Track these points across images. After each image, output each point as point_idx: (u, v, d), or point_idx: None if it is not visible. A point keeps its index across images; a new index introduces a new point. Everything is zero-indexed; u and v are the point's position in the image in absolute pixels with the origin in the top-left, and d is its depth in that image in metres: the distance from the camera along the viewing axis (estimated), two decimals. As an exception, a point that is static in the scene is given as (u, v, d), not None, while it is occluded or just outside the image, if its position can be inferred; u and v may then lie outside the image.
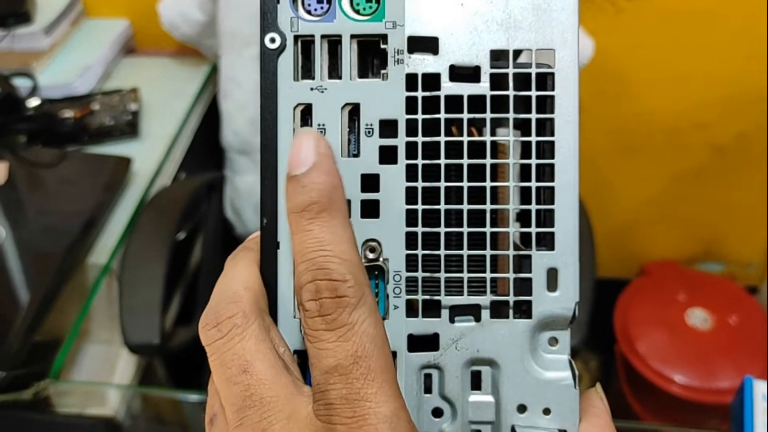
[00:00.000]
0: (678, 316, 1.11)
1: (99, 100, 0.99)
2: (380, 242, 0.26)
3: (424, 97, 0.26)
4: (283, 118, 0.26)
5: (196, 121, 1.05)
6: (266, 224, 0.26)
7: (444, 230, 0.26)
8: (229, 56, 0.99)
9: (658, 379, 1.06)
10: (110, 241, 0.82)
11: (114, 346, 0.84)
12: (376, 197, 0.26)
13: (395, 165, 0.26)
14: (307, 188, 0.24)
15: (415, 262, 0.26)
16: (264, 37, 0.26)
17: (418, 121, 0.26)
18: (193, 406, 0.76)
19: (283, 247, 0.26)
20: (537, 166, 0.26)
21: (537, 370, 0.26)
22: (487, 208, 0.26)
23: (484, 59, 0.26)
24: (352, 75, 0.26)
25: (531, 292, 0.26)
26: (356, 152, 0.26)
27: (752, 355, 1.06)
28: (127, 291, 0.76)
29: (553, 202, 0.26)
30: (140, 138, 0.97)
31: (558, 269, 0.26)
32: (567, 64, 0.26)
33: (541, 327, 0.26)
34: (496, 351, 0.26)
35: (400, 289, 0.26)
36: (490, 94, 0.26)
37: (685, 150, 1.11)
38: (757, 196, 1.15)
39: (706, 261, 1.23)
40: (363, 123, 0.26)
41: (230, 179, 1.07)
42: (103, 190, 0.85)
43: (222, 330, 0.24)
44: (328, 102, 0.26)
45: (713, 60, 1.01)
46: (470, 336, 0.26)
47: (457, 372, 0.26)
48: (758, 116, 1.05)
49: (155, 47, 1.14)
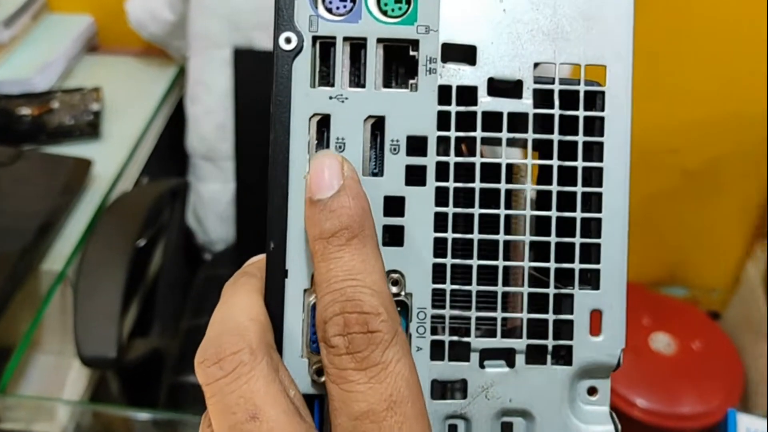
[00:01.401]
0: (642, 340, 1.12)
1: (59, 98, 0.94)
2: (404, 274, 0.23)
3: (458, 112, 0.23)
4: (296, 129, 0.23)
5: (160, 125, 1.01)
6: (273, 249, 0.23)
7: (477, 263, 0.23)
8: (198, 58, 0.96)
9: (621, 403, 1.06)
10: (66, 247, 0.78)
11: (65, 357, 0.80)
12: (400, 223, 0.23)
13: (423, 187, 0.23)
14: (335, 213, 0.22)
15: (443, 297, 0.23)
16: (278, 37, 0.23)
17: (451, 140, 0.23)
18: (146, 425, 0.73)
19: (292, 276, 0.23)
20: (583, 194, 0.23)
21: (576, 423, 0.24)
22: (526, 240, 0.23)
23: (527, 73, 0.23)
24: (377, 84, 0.23)
25: (572, 336, 0.23)
26: (379, 171, 0.23)
27: (714, 381, 1.07)
28: (83, 300, 0.72)
29: (599, 236, 0.23)
30: (101, 139, 0.92)
31: (603, 311, 0.23)
32: (619, 83, 0.23)
33: (581, 375, 0.24)
34: (530, 401, 0.23)
35: (424, 328, 0.23)
36: (533, 113, 0.23)
37: (657, 173, 1.11)
38: (724, 222, 1.16)
39: (670, 285, 1.24)
40: (388, 139, 0.23)
41: (194, 186, 1.04)
42: (61, 193, 0.81)
43: (225, 368, 0.21)
44: (349, 113, 0.23)
45: (687, 85, 1.02)
46: (502, 384, 0.23)
47: (486, 424, 0.24)
48: (730, 142, 1.07)
49: (120, 46, 1.10)
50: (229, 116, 0.96)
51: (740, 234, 1.17)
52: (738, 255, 1.19)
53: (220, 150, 0.99)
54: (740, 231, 1.17)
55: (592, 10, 0.23)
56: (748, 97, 1.02)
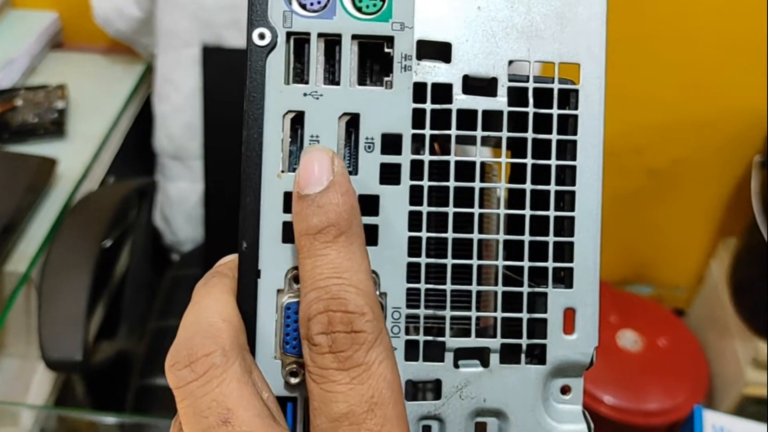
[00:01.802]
0: (609, 337, 1.13)
1: (22, 96, 0.92)
2: (378, 274, 0.23)
3: (433, 110, 0.23)
4: (269, 126, 0.23)
5: (127, 123, 0.99)
6: (246, 249, 0.23)
7: (451, 262, 0.23)
8: (165, 56, 0.95)
9: (589, 400, 1.07)
10: (30, 248, 0.76)
11: (29, 361, 0.78)
12: (374, 221, 0.23)
13: (398, 186, 0.23)
14: (323, 209, 0.21)
15: (417, 297, 0.23)
16: (252, 32, 0.23)
17: (426, 138, 0.23)
18: (112, 429, 0.72)
19: (265, 277, 0.23)
20: (556, 193, 0.23)
21: (549, 422, 0.23)
22: (500, 239, 0.23)
23: (501, 70, 0.23)
24: (351, 81, 0.23)
25: (546, 334, 0.23)
26: (353, 170, 0.23)
27: (680, 377, 1.09)
28: (48, 302, 0.71)
29: (573, 234, 0.23)
30: (66, 138, 0.91)
31: (576, 309, 0.23)
32: (593, 81, 0.23)
33: (555, 374, 0.24)
34: (505, 401, 0.23)
35: (399, 328, 0.23)
36: (507, 110, 0.23)
37: (621, 173, 1.13)
38: (688, 221, 1.18)
39: (636, 283, 1.26)
40: (363, 136, 0.23)
41: (162, 185, 1.02)
42: (24, 193, 0.79)
43: (197, 370, 0.20)
44: (323, 110, 0.23)
45: (652, 86, 1.04)
46: (477, 383, 0.23)
47: (460, 424, 0.23)
48: (693, 143, 1.09)
49: (85, 43, 1.08)
50: (197, 115, 0.95)
51: (703, 233, 1.20)
52: (701, 253, 1.22)
53: (188, 149, 0.98)
54: (703, 230, 1.19)
55: (566, 8, 0.23)
56: (709, 99, 1.04)
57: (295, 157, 0.23)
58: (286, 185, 0.23)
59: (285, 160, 0.23)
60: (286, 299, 0.23)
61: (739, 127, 1.06)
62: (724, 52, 0.99)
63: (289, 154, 0.23)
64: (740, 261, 1.11)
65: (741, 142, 1.06)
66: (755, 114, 1.02)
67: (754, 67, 0.99)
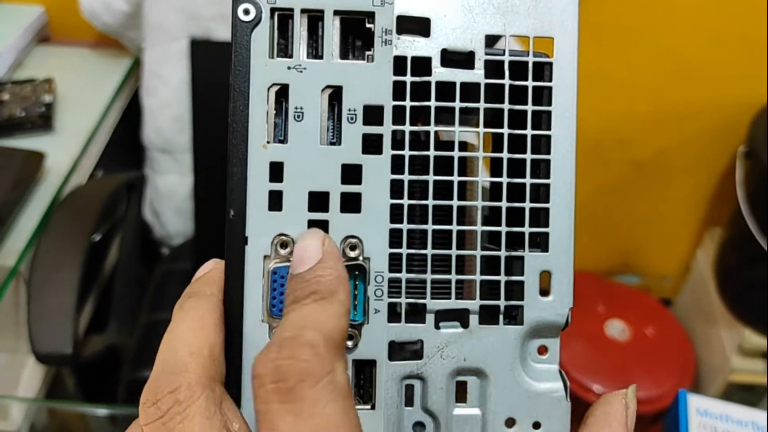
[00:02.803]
0: (597, 327, 1.14)
1: (9, 90, 0.92)
2: (361, 239, 0.24)
3: (413, 82, 0.24)
4: (255, 98, 0.24)
5: (115, 117, 0.99)
6: (233, 216, 0.24)
7: (432, 227, 0.24)
8: (153, 50, 0.95)
9: (578, 389, 1.08)
10: (19, 242, 0.76)
11: (19, 355, 0.78)
12: (357, 190, 0.24)
13: (380, 155, 0.24)
14: (309, 282, 0.22)
15: (399, 261, 0.24)
16: (237, 8, 0.24)
17: (406, 109, 0.24)
18: (102, 421, 0.72)
19: (252, 243, 0.24)
20: (532, 161, 0.24)
21: (527, 380, 0.25)
22: (479, 205, 0.24)
23: (478, 44, 0.24)
24: (334, 55, 0.24)
25: (523, 296, 0.24)
26: (336, 140, 0.24)
27: (668, 365, 1.10)
28: (37, 296, 0.70)
29: (548, 201, 0.24)
30: (54, 132, 0.90)
31: (552, 272, 0.24)
32: (566, 55, 0.24)
33: (532, 334, 0.25)
34: (484, 360, 0.24)
35: (381, 291, 0.24)
36: (484, 82, 0.24)
37: (607, 164, 1.14)
38: (674, 211, 1.19)
39: (623, 273, 1.27)
40: (345, 108, 0.24)
41: (151, 179, 1.02)
42: (12, 187, 0.79)
43: (162, 408, 0.20)
44: (307, 83, 0.24)
45: (637, 78, 1.04)
46: (457, 343, 0.24)
47: (441, 383, 0.24)
48: (678, 133, 1.10)
49: (72, 36, 1.07)
50: (186, 108, 0.95)
51: (690, 223, 1.21)
52: (688, 243, 1.23)
53: (177, 142, 0.98)
54: (690, 220, 1.21)
55: None
56: (695, 88, 1.05)
57: (280, 129, 0.24)
58: (272, 155, 0.24)
59: (270, 131, 0.24)
60: (273, 264, 0.24)
61: (724, 118, 1.07)
62: (709, 44, 1.00)
63: (274, 126, 0.24)
64: (725, 250, 1.13)
65: (726, 133, 1.07)
66: (740, 105, 1.03)
67: (738, 58, 1.00)
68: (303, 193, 0.24)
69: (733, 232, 1.10)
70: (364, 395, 0.25)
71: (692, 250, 1.23)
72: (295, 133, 0.24)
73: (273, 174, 0.24)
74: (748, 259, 1.05)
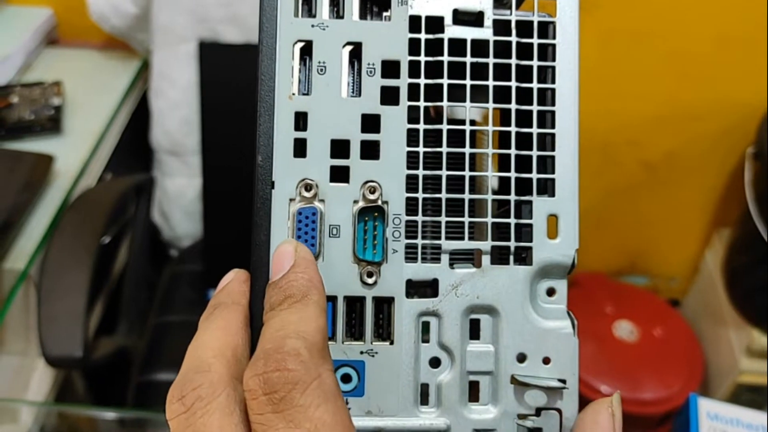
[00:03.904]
0: (605, 327, 1.14)
1: (18, 93, 0.92)
2: (380, 184, 0.26)
3: (427, 39, 0.26)
4: (282, 54, 0.26)
5: (124, 119, 0.99)
6: (261, 162, 0.25)
7: (446, 173, 0.26)
8: (162, 52, 0.95)
9: (585, 389, 1.08)
10: (29, 245, 0.76)
11: (29, 358, 0.78)
12: (376, 138, 0.26)
13: (397, 106, 0.26)
14: (282, 288, 0.23)
15: (416, 205, 0.26)
16: None
17: (421, 63, 0.26)
18: (112, 424, 0.72)
19: (278, 187, 0.25)
20: (538, 112, 0.26)
21: (537, 318, 0.26)
22: (489, 152, 0.26)
23: (487, 4, 0.26)
24: (354, 14, 0.26)
25: (532, 238, 0.26)
26: (357, 93, 0.26)
27: (676, 366, 1.10)
28: (47, 299, 0.71)
29: (554, 149, 0.26)
30: (63, 135, 0.91)
31: (558, 216, 0.26)
32: (568, 14, 0.27)
33: (541, 274, 0.26)
34: (496, 298, 0.26)
35: (399, 232, 0.26)
36: (493, 39, 0.26)
37: (617, 165, 1.13)
38: (682, 212, 1.19)
39: (632, 274, 1.27)
40: (365, 63, 0.26)
41: (159, 181, 1.02)
42: (22, 190, 0.79)
43: (186, 403, 0.22)
44: (329, 40, 0.26)
45: (647, 79, 1.04)
46: (470, 282, 0.26)
47: (456, 320, 0.26)
48: (687, 134, 1.09)
49: (81, 39, 1.08)
50: (194, 110, 0.95)
51: (698, 223, 1.20)
52: (697, 244, 1.22)
53: (185, 144, 0.98)
54: (698, 220, 1.20)
55: None
56: (703, 90, 1.05)
57: (304, 84, 0.26)
58: (297, 106, 0.26)
59: (295, 84, 0.26)
60: (298, 205, 0.26)
61: (733, 120, 1.06)
62: (717, 45, 1.00)
63: (298, 81, 0.26)
64: (734, 251, 1.12)
65: (734, 134, 1.07)
66: (748, 107, 1.03)
67: (747, 60, 1.00)
68: (325, 140, 0.26)
69: (741, 233, 1.10)
70: (383, 332, 0.26)
71: (701, 250, 1.22)
72: (319, 86, 0.26)
73: (298, 123, 0.26)
74: (756, 260, 1.04)
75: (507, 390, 0.26)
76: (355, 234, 0.26)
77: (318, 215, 0.25)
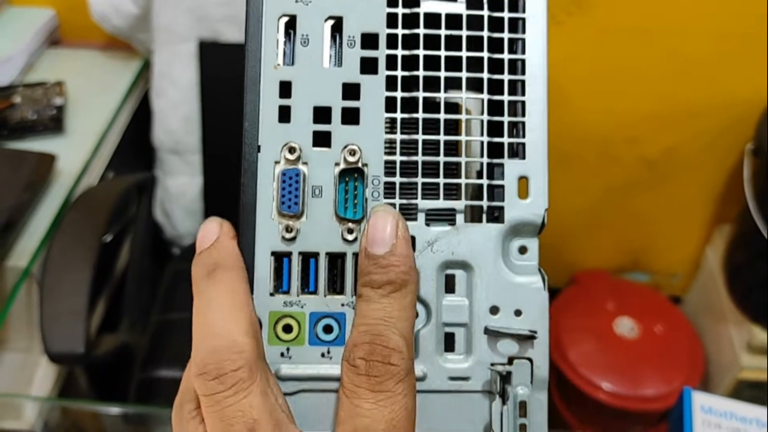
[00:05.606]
0: (606, 324, 1.14)
1: (20, 93, 0.93)
2: (361, 147, 0.27)
3: (404, 13, 0.28)
4: (267, 27, 0.27)
5: (125, 119, 1.00)
6: (247, 127, 0.27)
7: (422, 137, 0.27)
8: (163, 52, 0.96)
9: (586, 386, 1.08)
10: (31, 243, 0.77)
11: (32, 354, 0.79)
12: (356, 105, 0.27)
13: (376, 75, 0.27)
14: (385, 269, 0.25)
15: (394, 167, 0.27)
16: None
17: (398, 36, 0.28)
18: (116, 420, 0.73)
19: (264, 151, 0.27)
20: (509, 81, 0.28)
21: (509, 273, 0.28)
22: (462, 118, 0.28)
23: None
24: None
25: (503, 198, 0.28)
26: (338, 63, 0.27)
27: (676, 363, 1.10)
28: (50, 296, 0.71)
29: (524, 115, 0.28)
30: (65, 134, 0.91)
31: (529, 178, 0.28)
32: None
33: (513, 232, 0.28)
34: (470, 254, 0.27)
35: (378, 192, 0.27)
36: (466, 13, 0.28)
37: (617, 162, 1.13)
38: (683, 209, 1.19)
39: (633, 271, 1.27)
40: (346, 35, 0.27)
41: (161, 180, 1.03)
42: (24, 189, 0.80)
43: (226, 383, 0.23)
44: (312, 13, 0.27)
45: (646, 76, 1.04)
46: (445, 239, 0.27)
47: (432, 275, 0.27)
48: (687, 132, 1.09)
49: (82, 39, 1.08)
50: (195, 109, 0.96)
51: (699, 220, 1.20)
52: (697, 240, 1.22)
53: (186, 143, 0.99)
54: (699, 217, 1.20)
55: None
56: (702, 86, 1.05)
57: (288, 56, 0.28)
58: (282, 75, 0.27)
59: (280, 55, 0.27)
60: (282, 167, 0.27)
61: (732, 117, 1.06)
62: (716, 42, 1.00)
63: (283, 52, 0.27)
64: (734, 247, 1.12)
65: (733, 130, 1.07)
66: (747, 103, 1.03)
67: (746, 56, 1.00)
68: (308, 107, 0.27)
69: (741, 229, 1.10)
70: None
71: (701, 247, 1.22)
72: (302, 57, 0.27)
73: (282, 91, 0.27)
74: (756, 256, 1.04)
75: (481, 340, 0.27)
76: (336, 194, 0.27)
77: (301, 176, 0.27)
